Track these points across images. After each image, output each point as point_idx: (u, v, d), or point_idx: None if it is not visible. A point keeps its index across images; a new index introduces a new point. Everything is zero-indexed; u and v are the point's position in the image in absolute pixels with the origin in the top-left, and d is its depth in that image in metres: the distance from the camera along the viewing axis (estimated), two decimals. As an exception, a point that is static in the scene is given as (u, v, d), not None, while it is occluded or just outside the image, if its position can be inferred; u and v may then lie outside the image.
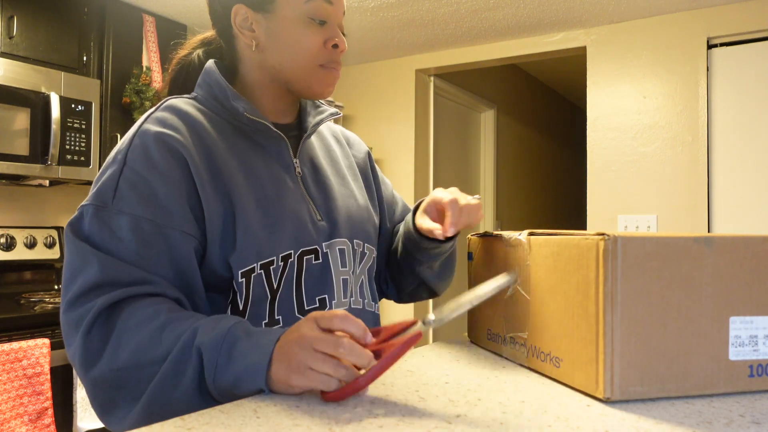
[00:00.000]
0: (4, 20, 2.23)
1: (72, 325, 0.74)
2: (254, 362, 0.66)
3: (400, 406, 0.62)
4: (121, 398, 0.72)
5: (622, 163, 2.88)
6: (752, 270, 0.66)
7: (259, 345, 0.68)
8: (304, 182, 0.92)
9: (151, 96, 2.60)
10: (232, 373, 0.67)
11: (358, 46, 3.29)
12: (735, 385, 0.66)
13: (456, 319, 0.70)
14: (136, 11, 2.67)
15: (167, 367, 0.70)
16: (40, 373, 1.88)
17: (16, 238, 2.44)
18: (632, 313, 0.63)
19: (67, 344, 0.76)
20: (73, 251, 0.77)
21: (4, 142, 2.14)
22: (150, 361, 0.71)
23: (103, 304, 0.72)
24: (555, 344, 0.71)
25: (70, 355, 0.76)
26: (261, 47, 0.89)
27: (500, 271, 0.85)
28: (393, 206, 1.14)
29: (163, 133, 0.81)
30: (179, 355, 0.70)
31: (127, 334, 0.72)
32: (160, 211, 0.77)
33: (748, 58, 2.66)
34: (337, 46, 0.89)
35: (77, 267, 0.75)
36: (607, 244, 0.62)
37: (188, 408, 0.68)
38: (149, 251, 0.76)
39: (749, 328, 0.66)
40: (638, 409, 0.61)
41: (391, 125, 3.49)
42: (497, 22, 2.92)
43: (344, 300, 0.90)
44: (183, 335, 0.70)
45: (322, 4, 0.87)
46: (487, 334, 0.89)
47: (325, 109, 1.00)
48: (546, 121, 5.01)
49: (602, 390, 0.63)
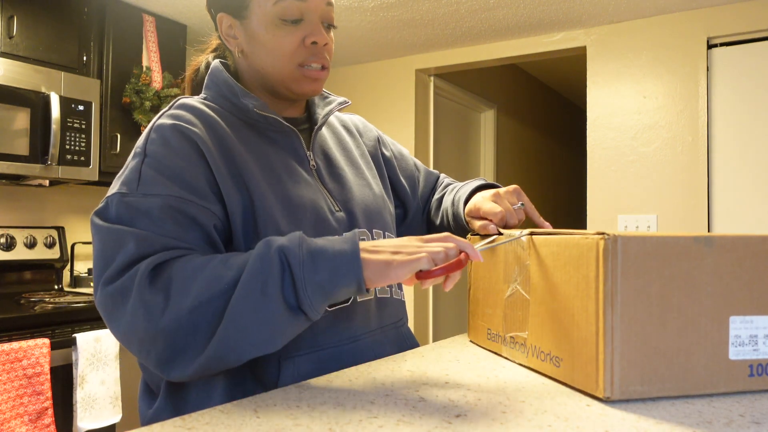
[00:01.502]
0: (4, 20, 2.23)
1: (117, 295, 0.71)
2: (345, 250, 0.67)
3: (400, 406, 0.62)
4: (195, 341, 0.68)
5: (622, 163, 2.88)
6: (752, 269, 0.66)
7: (342, 239, 0.69)
8: (319, 174, 0.93)
9: (151, 96, 2.60)
10: (326, 267, 0.66)
11: (358, 46, 3.29)
12: (735, 384, 0.66)
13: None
14: (136, 11, 2.67)
15: (246, 281, 0.67)
16: (40, 373, 1.88)
17: (16, 238, 2.44)
18: (632, 312, 0.63)
19: (114, 319, 0.72)
20: (104, 236, 0.75)
21: (4, 142, 2.14)
22: (223, 290, 0.68)
23: (147, 267, 0.70)
24: (555, 344, 0.71)
25: (122, 328, 0.71)
26: (245, 53, 0.91)
27: (500, 270, 0.85)
28: (414, 183, 1.15)
29: (178, 125, 0.81)
30: (257, 265, 0.67)
31: (188, 278, 0.69)
32: (186, 188, 0.77)
33: (748, 58, 2.66)
34: (316, 42, 0.87)
35: (111, 248, 0.73)
36: (607, 244, 0.62)
37: (272, 334, 0.68)
38: (180, 226, 0.75)
39: (749, 327, 0.66)
40: (638, 409, 0.61)
41: (391, 125, 3.49)
42: (497, 22, 2.92)
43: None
44: (252, 252, 0.69)
45: (293, 3, 0.85)
46: (488, 334, 0.89)
47: (333, 99, 1.01)
48: (546, 121, 5.01)
49: (602, 389, 0.63)
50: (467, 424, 0.56)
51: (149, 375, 0.87)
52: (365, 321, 0.90)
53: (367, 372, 0.76)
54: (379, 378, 0.73)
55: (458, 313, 3.94)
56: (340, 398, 0.65)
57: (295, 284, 0.67)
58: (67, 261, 2.62)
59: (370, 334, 0.90)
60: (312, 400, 0.64)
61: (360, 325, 0.89)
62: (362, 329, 0.89)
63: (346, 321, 0.87)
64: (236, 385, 0.80)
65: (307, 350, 0.82)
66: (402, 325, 1.00)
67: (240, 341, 0.68)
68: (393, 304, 0.97)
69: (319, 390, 0.68)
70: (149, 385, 0.88)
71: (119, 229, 0.74)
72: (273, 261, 0.67)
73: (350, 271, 0.67)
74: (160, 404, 0.83)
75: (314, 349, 0.83)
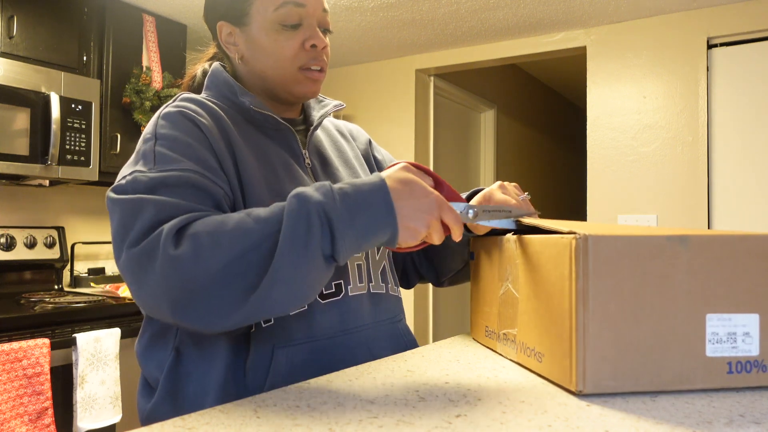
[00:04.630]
0: (4, 20, 2.23)
1: (143, 256, 0.70)
2: (380, 206, 0.70)
3: (400, 406, 0.62)
4: (232, 294, 0.68)
5: (622, 163, 2.88)
6: (730, 268, 0.67)
7: (372, 189, 0.71)
8: (314, 172, 0.95)
9: (151, 96, 2.60)
10: (362, 222, 0.69)
11: (358, 46, 3.28)
12: (713, 381, 0.66)
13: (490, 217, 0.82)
14: (136, 11, 2.67)
15: (287, 237, 0.67)
16: (40, 373, 1.88)
17: (16, 238, 2.44)
18: (604, 309, 0.64)
19: (142, 281, 0.71)
20: (123, 206, 0.75)
21: (4, 142, 2.14)
22: (255, 243, 0.68)
23: (172, 227, 0.70)
24: (539, 340, 0.73)
25: (150, 290, 0.70)
26: (245, 59, 0.94)
27: (496, 269, 0.87)
28: None
29: (185, 111, 0.85)
30: (296, 221, 0.68)
31: (216, 233, 0.69)
32: (199, 164, 0.79)
33: (748, 58, 2.66)
34: (315, 45, 0.91)
35: (132, 215, 0.73)
36: (579, 243, 0.64)
37: (311, 285, 0.70)
38: (197, 197, 0.76)
39: (727, 325, 0.66)
40: (638, 408, 0.61)
41: (391, 125, 3.48)
42: (497, 22, 2.92)
43: (360, 284, 0.93)
44: (285, 207, 0.70)
45: (292, 8, 0.90)
46: (485, 331, 0.91)
47: (328, 102, 1.04)
48: (546, 121, 5.01)
49: (575, 383, 0.64)
50: (467, 424, 0.56)
51: (148, 370, 0.88)
52: (359, 315, 0.91)
53: (367, 372, 0.76)
54: (379, 378, 0.73)
55: (458, 313, 3.93)
56: (340, 398, 0.65)
57: (334, 238, 0.69)
58: (67, 261, 2.62)
59: (363, 327, 0.91)
60: (312, 400, 0.64)
61: (353, 318, 0.90)
62: (355, 322, 0.90)
63: (339, 314, 0.88)
64: (231, 378, 0.81)
65: (302, 340, 0.84)
66: (398, 321, 1.00)
67: (281, 295, 0.69)
68: (388, 299, 0.98)
69: (319, 390, 0.68)
70: (148, 380, 0.89)
71: (139, 198, 0.74)
72: (312, 217, 0.69)
73: (387, 226, 0.71)
74: (158, 399, 0.84)
75: (308, 339, 0.85)
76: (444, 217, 0.74)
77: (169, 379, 0.84)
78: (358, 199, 0.70)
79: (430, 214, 0.73)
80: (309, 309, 0.85)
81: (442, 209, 0.74)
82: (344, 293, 0.90)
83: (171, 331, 0.86)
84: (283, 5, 0.89)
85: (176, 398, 0.83)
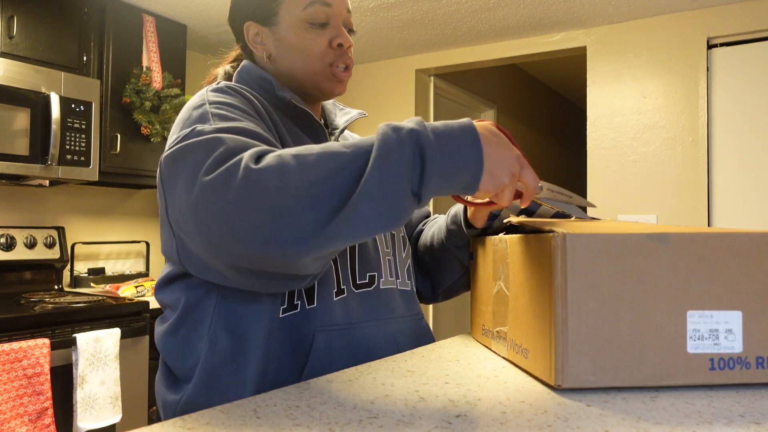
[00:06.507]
0: (4, 20, 2.23)
1: (219, 181, 0.65)
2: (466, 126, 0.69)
3: (400, 406, 0.62)
4: (317, 215, 0.64)
5: (622, 163, 2.88)
6: (712, 266, 0.67)
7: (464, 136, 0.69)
8: None
9: (151, 96, 2.60)
10: (453, 147, 0.67)
11: (358, 46, 3.29)
12: (695, 377, 0.67)
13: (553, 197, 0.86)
14: (136, 11, 2.67)
15: (378, 164, 0.64)
16: (40, 373, 1.88)
17: (16, 238, 2.44)
18: (582, 306, 0.65)
19: (214, 212, 0.65)
20: (189, 148, 0.70)
21: (4, 142, 2.14)
22: (342, 166, 0.65)
23: (252, 153, 0.67)
24: (524, 336, 0.74)
25: (225, 216, 0.65)
26: (273, 58, 0.96)
27: (491, 268, 0.88)
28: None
29: (231, 85, 0.87)
30: (390, 148, 0.65)
31: (303, 152, 0.66)
32: (258, 125, 0.79)
33: (748, 58, 2.66)
34: (342, 44, 0.94)
35: (203, 151, 0.68)
36: (557, 241, 0.65)
37: (398, 214, 0.66)
38: (268, 143, 0.74)
39: (709, 322, 0.67)
40: (638, 408, 0.61)
41: (391, 125, 3.48)
42: (497, 22, 2.92)
43: (390, 278, 0.95)
44: (378, 135, 0.67)
45: (320, 7, 0.92)
46: (482, 330, 0.93)
47: (350, 110, 1.08)
48: (546, 121, 5.01)
49: (554, 378, 0.65)
50: (467, 424, 0.56)
51: (177, 362, 0.86)
52: (389, 307, 0.93)
53: (367, 372, 0.77)
54: (379, 378, 0.73)
55: (458, 313, 3.94)
56: (340, 398, 0.65)
57: (424, 164, 0.66)
58: (67, 261, 2.62)
59: (393, 320, 0.94)
60: (312, 400, 0.64)
61: (384, 310, 0.92)
62: (386, 314, 0.93)
63: (372, 304, 0.91)
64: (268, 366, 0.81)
65: (341, 326, 0.86)
66: (421, 318, 1.02)
67: (369, 210, 0.64)
68: (413, 297, 1.01)
69: (319, 390, 0.68)
70: (173, 371, 0.87)
71: (211, 137, 0.69)
72: (404, 142, 0.66)
73: (474, 165, 0.69)
74: (192, 391, 0.83)
75: (347, 325, 0.87)
76: (523, 176, 0.74)
77: (204, 370, 0.83)
78: (448, 135, 0.68)
79: (514, 167, 0.72)
80: (346, 297, 0.87)
81: (524, 167, 0.75)
82: (376, 285, 0.92)
83: (205, 321, 0.84)
84: (311, 4, 0.92)
85: (212, 390, 0.82)
